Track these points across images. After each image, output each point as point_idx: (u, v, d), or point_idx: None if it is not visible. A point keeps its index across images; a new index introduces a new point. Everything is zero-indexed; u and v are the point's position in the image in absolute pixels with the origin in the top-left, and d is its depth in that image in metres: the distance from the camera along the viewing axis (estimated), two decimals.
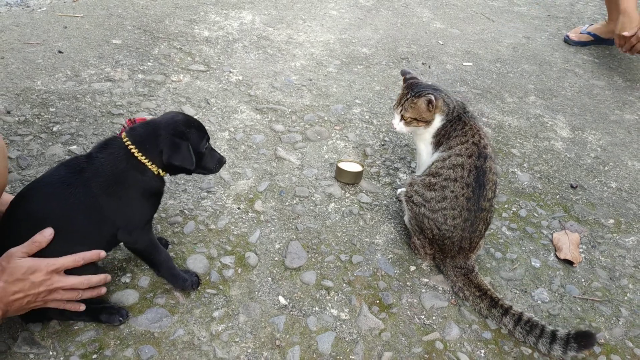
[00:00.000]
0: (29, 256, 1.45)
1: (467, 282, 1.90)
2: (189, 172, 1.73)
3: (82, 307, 1.57)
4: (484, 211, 1.88)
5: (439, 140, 2.03)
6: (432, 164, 1.98)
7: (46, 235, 1.46)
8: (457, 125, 2.00)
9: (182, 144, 1.61)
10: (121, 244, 1.69)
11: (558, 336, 1.71)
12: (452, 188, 1.88)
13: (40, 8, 3.43)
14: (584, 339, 1.69)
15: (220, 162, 1.78)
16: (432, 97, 1.97)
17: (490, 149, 1.94)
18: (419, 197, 1.95)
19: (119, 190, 1.57)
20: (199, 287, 1.81)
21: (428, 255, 2.00)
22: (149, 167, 1.60)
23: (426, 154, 2.08)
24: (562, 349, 1.70)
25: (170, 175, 1.71)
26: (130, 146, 1.58)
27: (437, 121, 2.03)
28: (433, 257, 2.00)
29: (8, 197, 1.69)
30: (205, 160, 1.72)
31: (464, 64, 3.53)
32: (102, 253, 1.56)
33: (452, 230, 1.88)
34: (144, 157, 1.59)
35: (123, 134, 1.62)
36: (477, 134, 1.95)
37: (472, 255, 1.95)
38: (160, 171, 1.62)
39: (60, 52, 2.98)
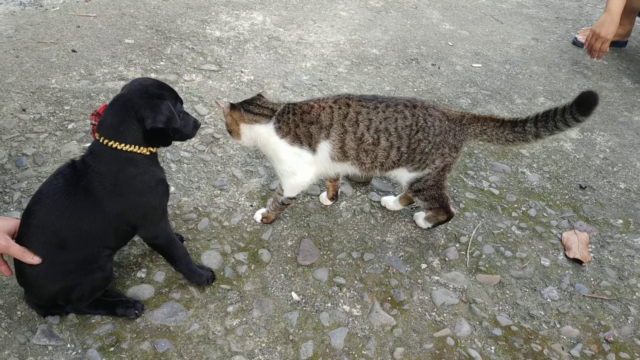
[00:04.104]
0: None
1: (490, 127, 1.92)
2: (167, 142, 1.67)
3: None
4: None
5: (296, 139, 1.89)
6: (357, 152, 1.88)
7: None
8: (295, 116, 1.90)
9: (162, 103, 1.55)
10: (137, 237, 1.72)
11: (565, 107, 1.78)
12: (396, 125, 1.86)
13: (53, 7, 3.47)
14: (584, 101, 1.75)
15: (195, 125, 1.74)
16: (223, 105, 1.92)
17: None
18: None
19: (121, 191, 1.56)
20: (213, 282, 1.84)
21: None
22: (138, 152, 1.55)
23: (304, 161, 1.92)
24: (570, 116, 1.77)
25: (154, 147, 1.62)
26: (110, 142, 1.53)
27: (260, 128, 1.91)
28: None
29: None
30: (182, 124, 1.66)
31: (473, 65, 3.55)
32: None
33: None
34: (127, 145, 1.53)
35: (96, 135, 1.56)
36: (319, 102, 1.90)
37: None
38: (151, 149, 1.58)
39: (74, 51, 3.02)
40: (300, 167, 1.93)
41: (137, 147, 1.55)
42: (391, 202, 2.24)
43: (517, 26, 4.25)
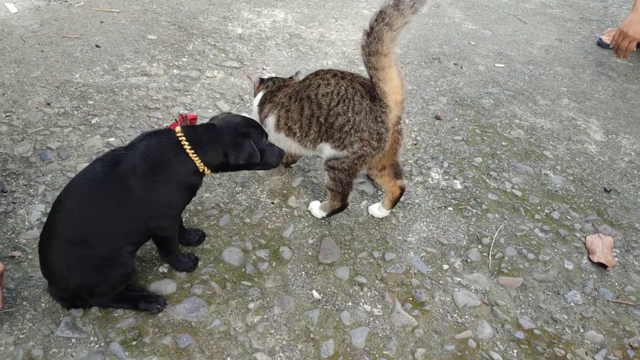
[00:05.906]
0: None
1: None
2: (248, 169, 1.84)
3: None
4: None
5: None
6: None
7: None
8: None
9: (244, 142, 1.69)
10: None
11: None
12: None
13: (77, 3, 3.49)
14: None
15: (280, 155, 1.86)
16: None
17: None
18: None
19: (157, 181, 1.58)
20: (197, 267, 1.88)
21: None
22: (197, 163, 1.63)
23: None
24: None
25: (225, 172, 1.82)
26: (184, 141, 1.62)
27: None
28: None
29: None
30: (267, 156, 1.81)
31: (496, 65, 3.52)
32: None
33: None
34: (195, 155, 1.63)
35: (177, 128, 1.65)
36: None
37: None
38: (206, 169, 1.67)
39: (97, 46, 3.04)
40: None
41: (201, 163, 1.65)
42: (376, 209, 2.19)
43: (540, 26, 4.20)
